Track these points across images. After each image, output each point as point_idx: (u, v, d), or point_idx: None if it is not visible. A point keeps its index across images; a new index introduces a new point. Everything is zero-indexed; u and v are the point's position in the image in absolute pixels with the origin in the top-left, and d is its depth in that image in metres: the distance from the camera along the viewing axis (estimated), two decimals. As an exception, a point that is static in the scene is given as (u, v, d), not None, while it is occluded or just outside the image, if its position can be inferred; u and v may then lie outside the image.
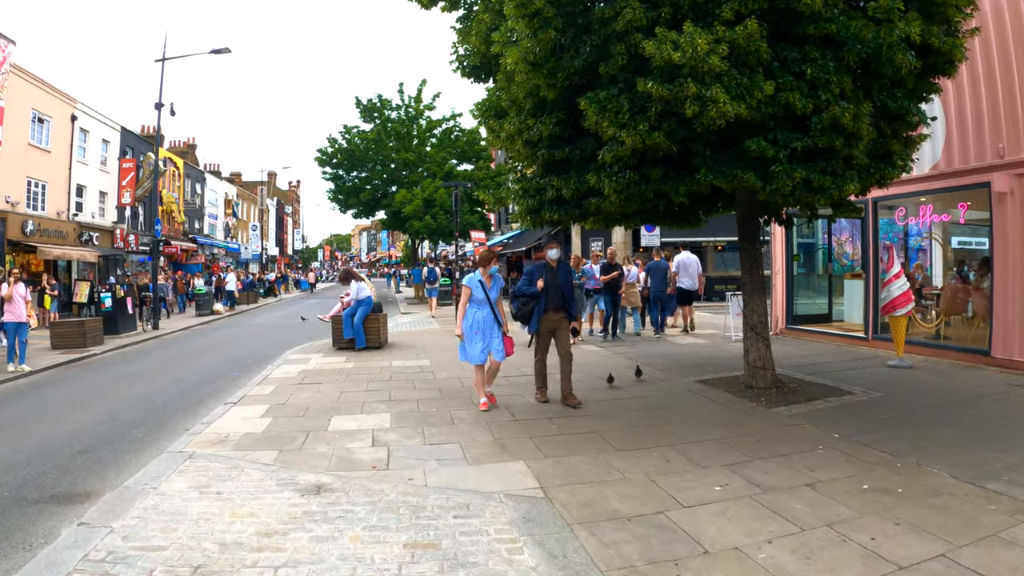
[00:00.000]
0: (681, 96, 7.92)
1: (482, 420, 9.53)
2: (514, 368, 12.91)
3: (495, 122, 11.56)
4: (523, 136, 10.38)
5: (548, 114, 10.01)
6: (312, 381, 12.92)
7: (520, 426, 9.16)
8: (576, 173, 9.90)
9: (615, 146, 8.75)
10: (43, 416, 11.22)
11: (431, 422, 9.50)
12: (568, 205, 10.62)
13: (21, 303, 15.86)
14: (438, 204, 37.96)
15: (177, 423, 10.36)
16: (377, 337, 17.44)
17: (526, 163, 11.47)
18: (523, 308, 10.38)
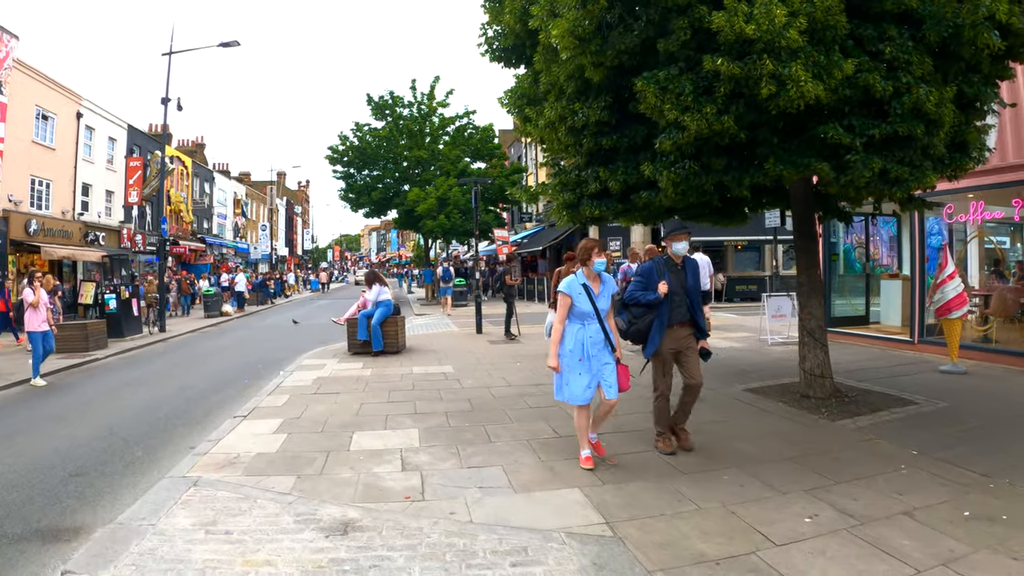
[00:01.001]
0: (754, 75, 7.18)
1: (522, 438, 8.57)
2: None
3: (531, 109, 10.73)
4: (566, 122, 9.52)
5: (594, 98, 9.17)
6: (328, 390, 11.95)
7: (567, 445, 8.18)
8: (624, 164, 9.21)
9: (675, 132, 7.92)
10: (36, 430, 10.25)
11: (465, 440, 8.54)
12: (611, 199, 9.91)
13: (44, 310, 14.42)
14: (452, 203, 37.04)
15: (181, 439, 9.39)
16: (395, 341, 16.48)
17: (568, 153, 10.55)
18: (637, 322, 7.71)
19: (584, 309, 7.14)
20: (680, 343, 7.71)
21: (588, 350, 7.12)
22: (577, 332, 7.14)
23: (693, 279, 7.73)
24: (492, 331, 20.67)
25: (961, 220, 15.10)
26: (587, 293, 7.16)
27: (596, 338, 7.14)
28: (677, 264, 7.72)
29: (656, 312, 7.55)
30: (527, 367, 14.07)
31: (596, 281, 7.29)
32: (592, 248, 7.28)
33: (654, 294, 7.47)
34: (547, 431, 8.82)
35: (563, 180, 10.71)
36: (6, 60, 26.95)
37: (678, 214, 11.13)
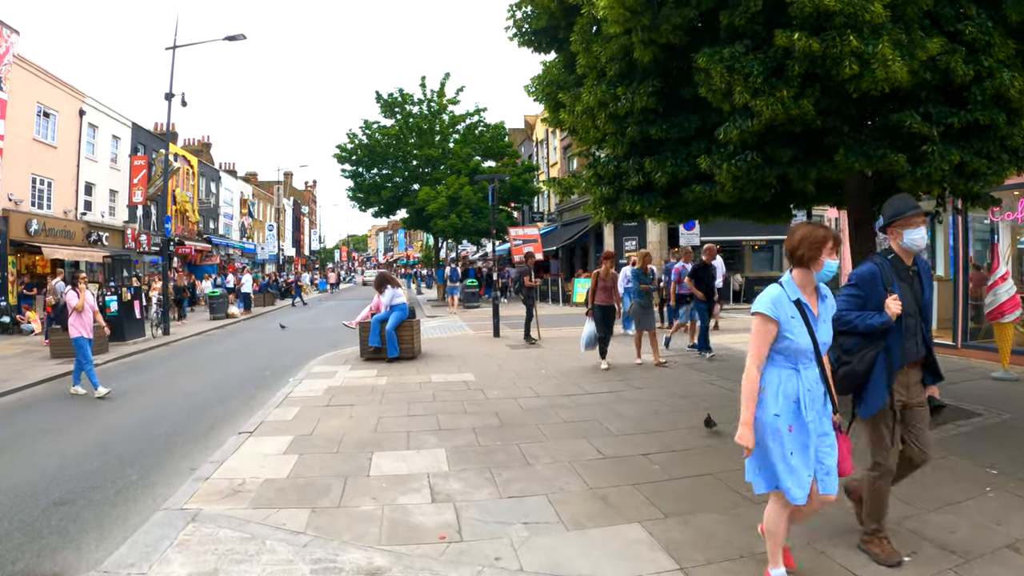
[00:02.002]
0: (834, 52, 6.46)
1: (563, 459, 7.64)
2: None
3: (565, 94, 9.94)
4: (607, 109, 8.72)
5: (640, 82, 8.42)
6: (342, 402, 11.02)
7: (614, 467, 7.28)
8: (672, 155, 8.52)
9: (743, 119, 7.23)
10: (23, 446, 9.34)
11: (499, 462, 7.63)
12: (653, 194, 9.17)
13: (90, 314, 13.16)
14: (464, 202, 36.18)
15: (181, 459, 8.46)
16: (411, 346, 15.57)
17: (607, 142, 9.74)
18: (851, 360, 4.90)
19: (800, 344, 4.28)
20: (910, 393, 5.04)
21: (806, 413, 4.32)
22: (787, 383, 4.33)
23: (928, 289, 5.07)
24: (510, 334, 19.73)
25: (1008, 219, 14.30)
26: (803, 316, 4.31)
27: (816, 392, 4.38)
28: (909, 268, 5.02)
29: (881, 344, 4.83)
30: (553, 375, 13.17)
31: (814, 296, 4.44)
32: (823, 241, 4.29)
33: (882, 316, 4.73)
34: (589, 451, 7.92)
35: (599, 172, 9.97)
36: (6, 56, 26.27)
37: (727, 211, 10.54)
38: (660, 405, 10.23)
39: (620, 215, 10.21)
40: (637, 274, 13.79)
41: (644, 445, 8.04)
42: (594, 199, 10.25)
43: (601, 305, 13.31)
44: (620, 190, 9.59)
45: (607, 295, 13.37)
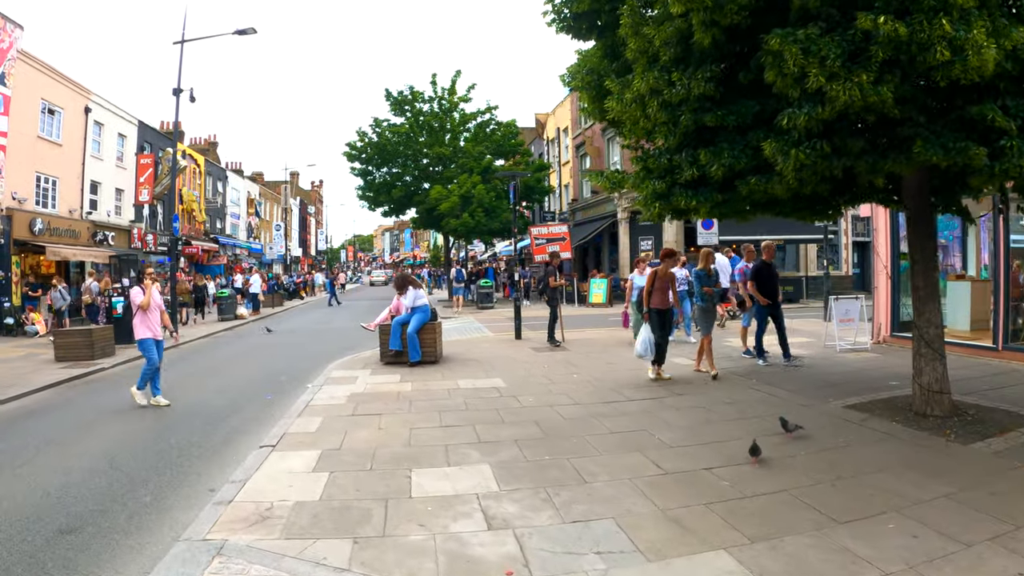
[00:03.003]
0: (922, 38, 6.17)
1: (621, 476, 6.93)
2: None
3: (612, 81, 9.32)
4: (660, 96, 8.28)
5: (696, 67, 7.95)
6: (368, 411, 10.25)
7: (679, 484, 6.64)
8: (729, 145, 7.99)
9: (811, 105, 6.84)
10: (25, 461, 8.57)
11: (553, 479, 6.90)
12: (708, 188, 8.71)
13: (158, 313, 12.05)
14: (476, 201, 35.41)
15: (198, 478, 7.70)
16: (433, 350, 14.79)
17: (659, 132, 9.13)
18: None
19: None
20: None
21: None
22: None
23: None
24: (531, 336, 19.03)
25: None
26: None
27: None
28: None
29: None
30: (586, 380, 12.46)
31: None
32: None
33: None
34: (648, 466, 7.21)
35: (649, 165, 9.38)
36: (10, 51, 25.65)
37: (776, 207, 10.08)
38: (707, 413, 9.61)
39: (673, 211, 9.67)
40: (700, 275, 12.54)
41: (704, 458, 7.39)
42: (645, 195, 9.62)
43: (659, 308, 12.04)
44: (673, 184, 9.05)
45: (664, 296, 12.09)
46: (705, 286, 12.46)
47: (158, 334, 11.80)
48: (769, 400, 10.21)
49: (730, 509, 5.88)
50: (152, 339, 11.67)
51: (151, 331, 11.70)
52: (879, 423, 8.60)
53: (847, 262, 38.17)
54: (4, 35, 25.39)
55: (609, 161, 37.07)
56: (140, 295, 11.69)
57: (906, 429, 8.27)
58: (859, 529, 5.38)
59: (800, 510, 5.81)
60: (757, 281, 13.39)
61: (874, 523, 5.50)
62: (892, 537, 5.23)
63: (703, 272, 12.56)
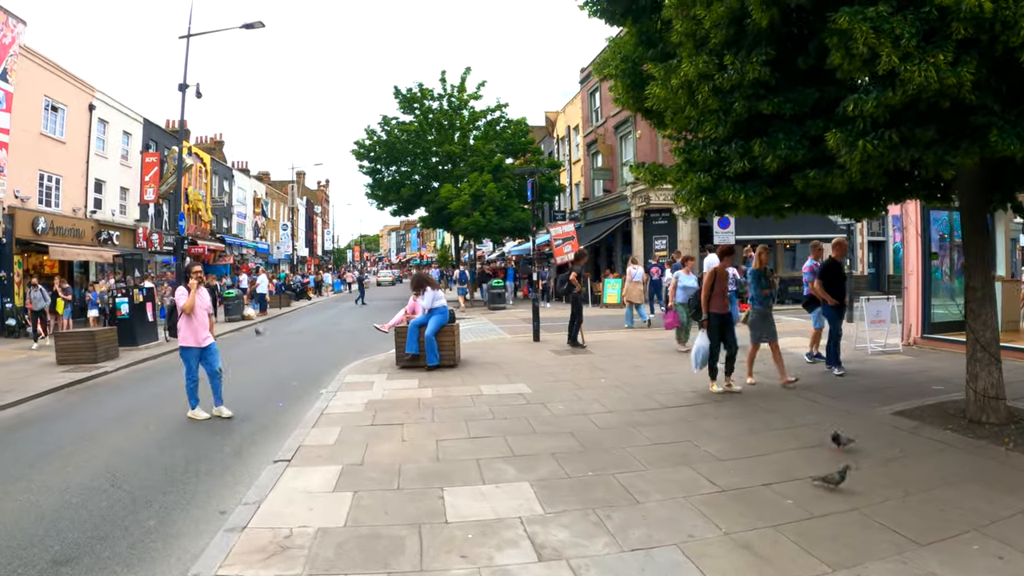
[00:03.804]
0: (1007, 16, 5.68)
1: (674, 493, 6.31)
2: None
3: (656, 66, 8.77)
4: (712, 81, 7.78)
5: (749, 50, 7.48)
6: (388, 420, 9.56)
7: (739, 503, 6.03)
8: (784, 136, 7.56)
9: (883, 90, 6.35)
10: (19, 476, 7.87)
11: (601, 500, 6.23)
12: (758, 182, 8.30)
13: (204, 316, 10.78)
14: (487, 199, 34.72)
15: (207, 497, 6.99)
16: (452, 353, 14.07)
17: (708, 121, 8.46)
18: None
19: None
20: None
21: None
22: None
23: None
24: (550, 339, 18.25)
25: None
26: None
27: None
28: None
29: None
30: (615, 385, 11.76)
31: None
32: None
33: None
34: (700, 482, 6.61)
35: (693, 158, 8.87)
36: (12, 46, 25.13)
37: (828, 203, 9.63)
38: (749, 421, 8.97)
39: (717, 207, 9.17)
40: (757, 275, 11.36)
41: (760, 473, 6.78)
42: (690, 188, 9.10)
43: (719, 314, 10.73)
44: (719, 177, 8.53)
45: (725, 301, 10.83)
46: (763, 288, 11.34)
47: (202, 341, 10.61)
48: (812, 407, 9.58)
49: (800, 532, 5.32)
50: (195, 347, 10.55)
51: (194, 338, 10.54)
52: (932, 431, 8.07)
53: (862, 262, 37.57)
54: (6, 30, 24.87)
55: (622, 159, 36.40)
56: (183, 297, 10.48)
57: (962, 438, 7.75)
58: (943, 552, 4.90)
59: (875, 531, 5.30)
60: (825, 280, 12.09)
61: (957, 544, 5.03)
62: (977, 559, 4.80)
63: (760, 272, 11.41)
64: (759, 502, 6.00)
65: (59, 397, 13.04)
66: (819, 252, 13.18)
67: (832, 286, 12.00)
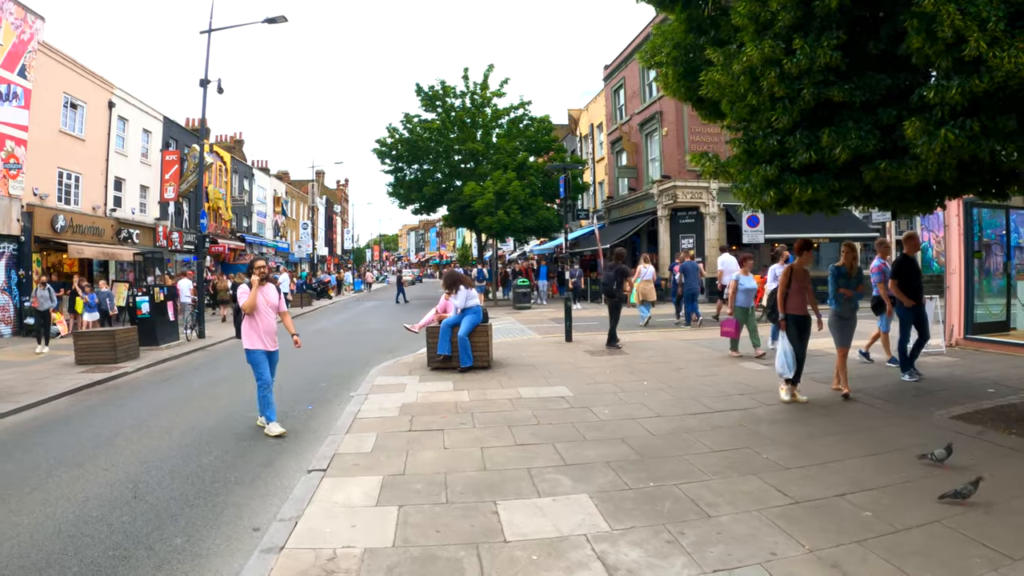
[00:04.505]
0: None
1: (747, 507, 5.81)
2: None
3: (715, 51, 8.38)
4: (780, 66, 7.41)
5: (818, 33, 7.20)
6: (426, 425, 8.99)
7: (816, 517, 5.55)
8: (854, 124, 7.24)
9: (967, 77, 6.08)
10: (32, 487, 7.30)
11: (669, 513, 5.74)
12: (824, 174, 7.93)
13: (271, 316, 9.51)
14: (512, 197, 34.11)
15: (237, 511, 6.41)
16: (485, 354, 13.47)
17: (773, 110, 7.99)
18: None
19: None
20: None
21: None
22: None
23: None
24: (583, 339, 17.62)
25: None
26: None
27: None
28: None
29: None
30: (658, 388, 11.16)
31: None
32: None
33: None
34: (771, 493, 6.13)
35: (754, 148, 8.43)
36: (30, 42, 24.88)
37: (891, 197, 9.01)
38: (806, 426, 8.47)
39: (781, 201, 8.63)
40: (840, 272, 10.20)
41: (830, 482, 6.31)
42: (754, 181, 8.59)
43: (797, 315, 9.79)
44: (783, 169, 8.09)
45: (803, 300, 9.80)
46: (842, 287, 10.16)
47: (270, 344, 9.39)
48: (868, 412, 9.07)
49: (887, 547, 4.91)
50: (262, 351, 9.33)
51: (260, 340, 9.31)
52: (997, 436, 7.63)
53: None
54: (24, 26, 24.56)
55: (648, 157, 35.79)
56: (245, 295, 9.31)
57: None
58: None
59: (964, 545, 4.91)
60: (899, 279, 11.06)
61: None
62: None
63: (844, 269, 10.23)
64: (837, 515, 5.55)
65: (78, 399, 12.53)
66: (886, 249, 12.25)
67: (907, 285, 11.01)
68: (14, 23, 24.09)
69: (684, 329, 20.30)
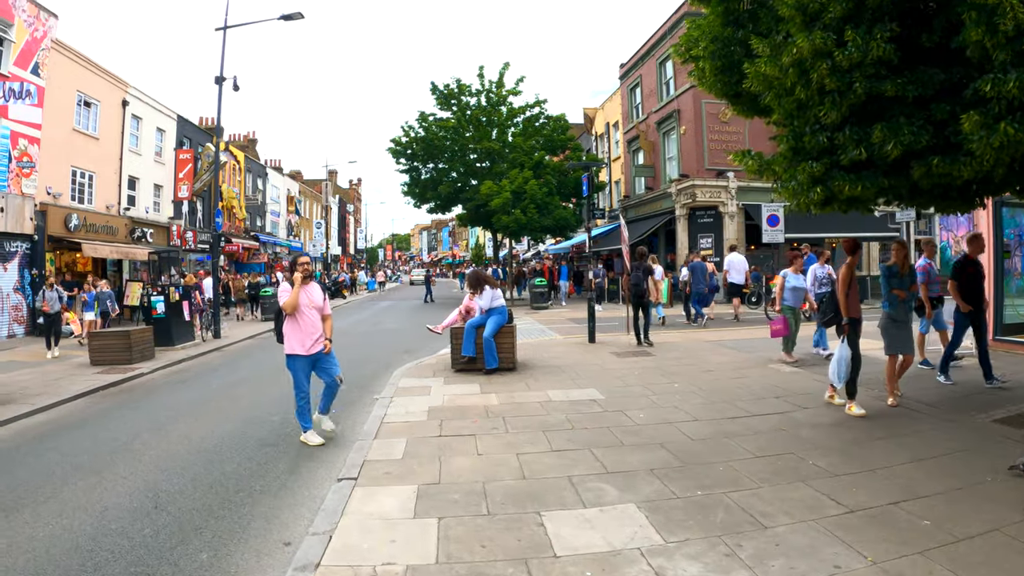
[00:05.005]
0: None
1: (802, 516, 5.50)
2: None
3: (761, 42, 8.02)
4: (831, 59, 7.11)
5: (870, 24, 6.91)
6: (456, 430, 8.62)
7: (873, 526, 5.26)
8: (906, 120, 7.03)
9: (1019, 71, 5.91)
10: (47, 496, 6.95)
11: (723, 524, 5.41)
12: (873, 171, 7.66)
13: (314, 317, 8.67)
14: (529, 196, 33.71)
15: (266, 524, 6.03)
16: (511, 356, 13.10)
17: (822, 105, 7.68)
18: None
19: None
20: None
21: None
22: None
23: None
24: (606, 340, 17.24)
25: None
26: None
27: None
28: None
29: None
30: (690, 390, 10.78)
31: None
32: None
33: None
34: (823, 501, 5.82)
35: (800, 146, 8.18)
36: (44, 40, 24.70)
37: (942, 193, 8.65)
38: (849, 430, 8.14)
39: (827, 199, 8.29)
40: (891, 273, 9.36)
41: (881, 490, 6.03)
42: (800, 179, 8.26)
43: (857, 319, 9.09)
44: (831, 167, 7.82)
45: (858, 302, 9.17)
46: (895, 288, 9.31)
47: (312, 347, 8.57)
48: (910, 415, 8.70)
49: (951, 558, 4.65)
50: (303, 356, 8.54)
51: (301, 344, 8.51)
52: None
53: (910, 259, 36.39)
54: (37, 24, 24.36)
55: (665, 156, 35.34)
56: (286, 293, 8.51)
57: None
58: None
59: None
60: (959, 281, 10.28)
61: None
62: None
63: (895, 268, 9.36)
64: (895, 524, 5.28)
65: (93, 401, 12.20)
66: (932, 249, 11.57)
67: (967, 288, 10.24)
68: (27, 20, 23.87)
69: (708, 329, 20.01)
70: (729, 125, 31.40)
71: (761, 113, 9.70)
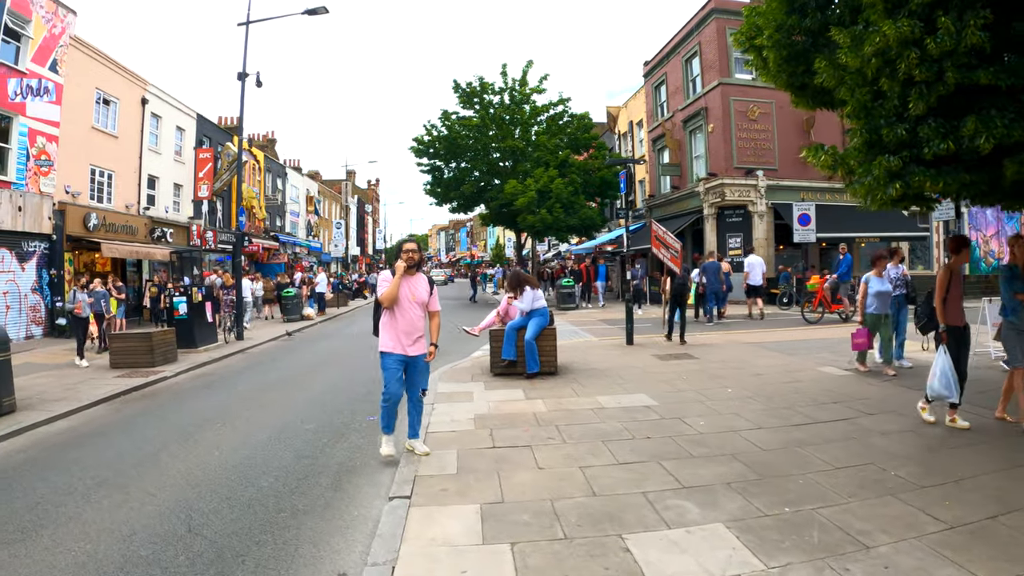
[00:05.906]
0: None
1: (900, 532, 5.08)
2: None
3: (840, 31, 7.58)
4: (921, 47, 6.71)
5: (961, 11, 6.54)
6: (510, 441, 7.95)
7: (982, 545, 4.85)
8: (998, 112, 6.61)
9: None
10: (69, 516, 6.34)
11: (822, 545, 4.91)
12: (956, 166, 7.25)
13: (414, 312, 7.44)
14: (554, 195, 33.08)
15: (314, 550, 5.39)
16: (552, 359, 12.45)
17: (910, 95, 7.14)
18: None
19: None
20: None
21: None
22: None
23: None
24: (641, 342, 16.60)
25: None
26: None
27: None
28: None
29: None
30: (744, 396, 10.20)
31: None
32: None
33: None
34: (919, 516, 5.37)
35: (876, 139, 7.68)
36: (62, 36, 24.34)
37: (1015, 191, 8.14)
38: (917, 437, 7.73)
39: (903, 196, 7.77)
40: (1013, 274, 7.84)
41: (975, 503, 5.61)
42: (876, 174, 7.66)
43: (957, 326, 8.10)
44: (909, 161, 7.41)
45: (961, 308, 8.13)
46: (1018, 291, 7.75)
47: (410, 347, 7.39)
48: (977, 421, 8.14)
49: None
50: (398, 355, 7.36)
51: (398, 341, 7.35)
52: None
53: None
54: (56, 20, 23.95)
55: (692, 154, 34.60)
56: (385, 284, 7.41)
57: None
58: None
59: None
60: None
61: None
62: None
63: (1017, 269, 7.86)
64: (999, 541, 4.90)
65: (115, 407, 11.61)
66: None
67: None
68: (45, 17, 23.44)
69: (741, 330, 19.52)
70: (757, 123, 30.73)
71: (828, 105, 9.22)
